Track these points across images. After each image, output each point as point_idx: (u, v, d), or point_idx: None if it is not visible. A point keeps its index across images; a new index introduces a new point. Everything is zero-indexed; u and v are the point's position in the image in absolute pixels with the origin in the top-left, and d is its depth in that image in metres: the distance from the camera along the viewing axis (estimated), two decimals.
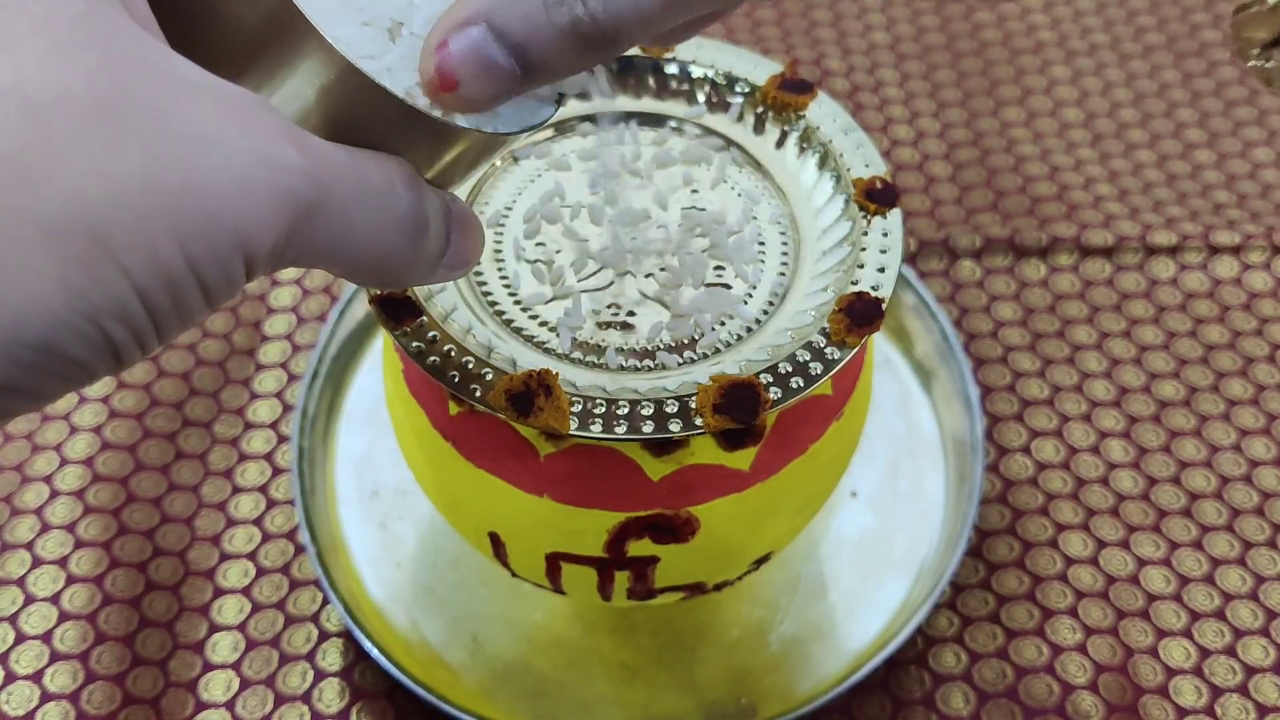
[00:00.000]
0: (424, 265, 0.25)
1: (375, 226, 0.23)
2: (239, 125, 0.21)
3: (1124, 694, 0.43)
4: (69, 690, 0.43)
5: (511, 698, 0.43)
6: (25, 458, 0.48)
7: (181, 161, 0.20)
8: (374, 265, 0.24)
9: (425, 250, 0.25)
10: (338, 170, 0.22)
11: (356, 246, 0.23)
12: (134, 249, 0.19)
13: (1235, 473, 0.49)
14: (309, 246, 0.22)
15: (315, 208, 0.21)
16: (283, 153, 0.21)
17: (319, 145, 0.22)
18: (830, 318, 0.33)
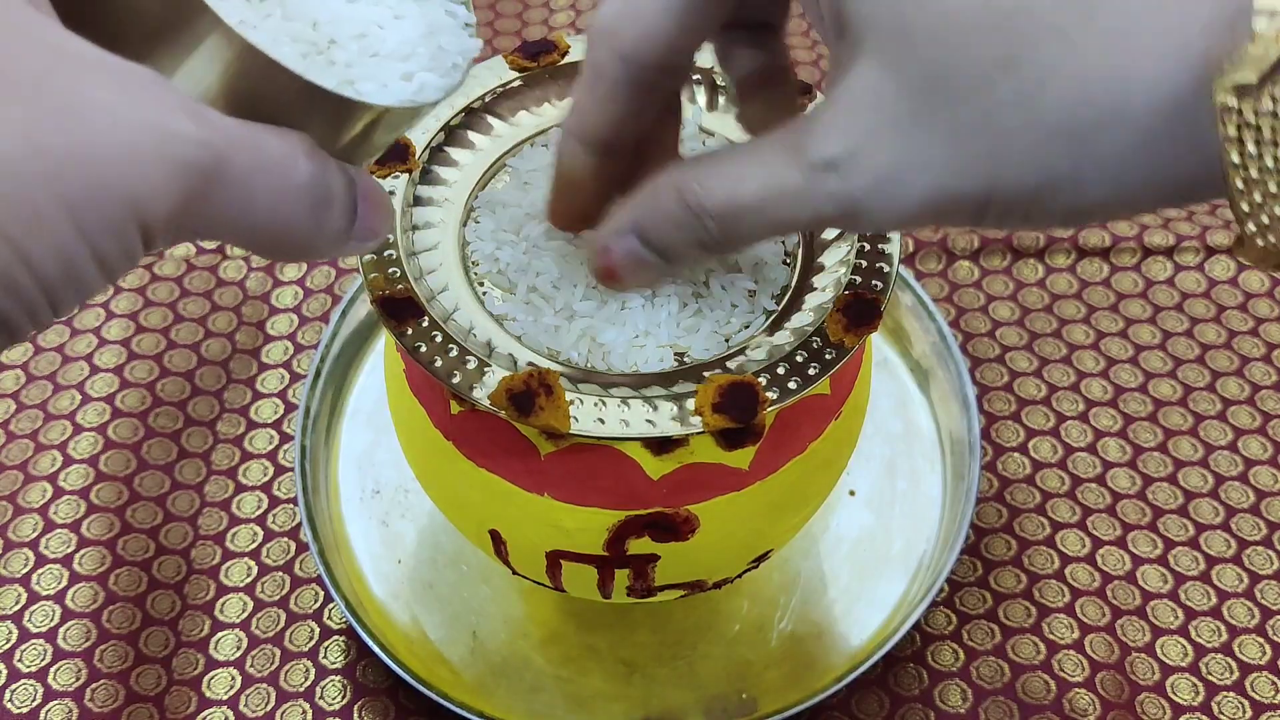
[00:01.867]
0: (329, 237, 0.26)
1: (275, 197, 0.24)
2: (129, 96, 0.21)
3: (1121, 691, 0.43)
4: (72, 688, 0.43)
5: (512, 694, 0.43)
6: (29, 456, 0.49)
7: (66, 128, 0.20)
8: (276, 237, 0.25)
9: (329, 222, 0.25)
10: (235, 140, 0.22)
11: (256, 217, 0.24)
12: (16, 216, 0.19)
13: (1231, 471, 0.49)
14: (208, 216, 0.22)
15: (212, 177, 0.22)
16: (175, 123, 0.21)
17: (215, 117, 0.22)
18: (828, 318, 0.33)
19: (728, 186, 0.28)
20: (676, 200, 0.29)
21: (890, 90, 0.25)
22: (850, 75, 0.26)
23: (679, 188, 0.29)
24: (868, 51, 0.25)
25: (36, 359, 0.51)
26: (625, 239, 0.30)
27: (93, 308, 0.53)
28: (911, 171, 0.25)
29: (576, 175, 0.32)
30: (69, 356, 0.51)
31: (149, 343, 0.52)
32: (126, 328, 0.52)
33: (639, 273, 0.31)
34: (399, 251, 0.34)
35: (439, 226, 0.36)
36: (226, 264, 0.55)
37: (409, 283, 0.33)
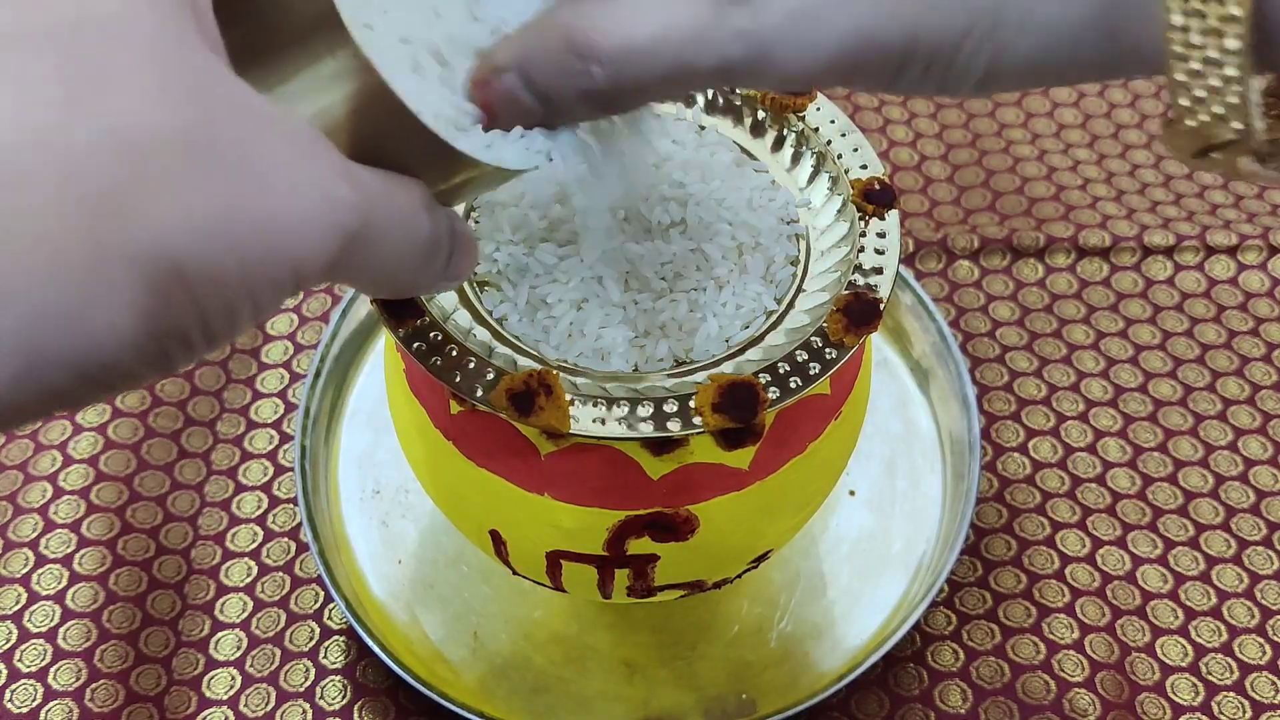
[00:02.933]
0: (429, 282, 0.27)
1: (401, 250, 0.24)
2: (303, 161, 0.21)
3: (1121, 691, 0.43)
4: (73, 688, 0.43)
5: (512, 694, 0.43)
6: (29, 456, 0.49)
7: (255, 199, 0.20)
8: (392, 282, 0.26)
9: (434, 270, 0.26)
10: (378, 201, 0.23)
11: (384, 268, 0.24)
12: (205, 281, 0.20)
13: (1231, 471, 0.49)
14: (348, 270, 0.23)
15: (359, 237, 0.22)
16: (338, 189, 0.22)
17: (364, 178, 0.23)
18: (828, 318, 0.33)
19: (621, 26, 0.25)
20: (563, 41, 0.26)
21: None
22: None
23: (567, 25, 0.26)
24: None
25: None
26: (506, 76, 0.27)
27: None
28: (830, 8, 0.24)
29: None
30: None
31: None
32: None
33: (515, 112, 0.27)
34: None
35: None
36: None
37: None
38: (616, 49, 0.25)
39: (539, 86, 0.27)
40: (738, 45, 0.24)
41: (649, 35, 0.25)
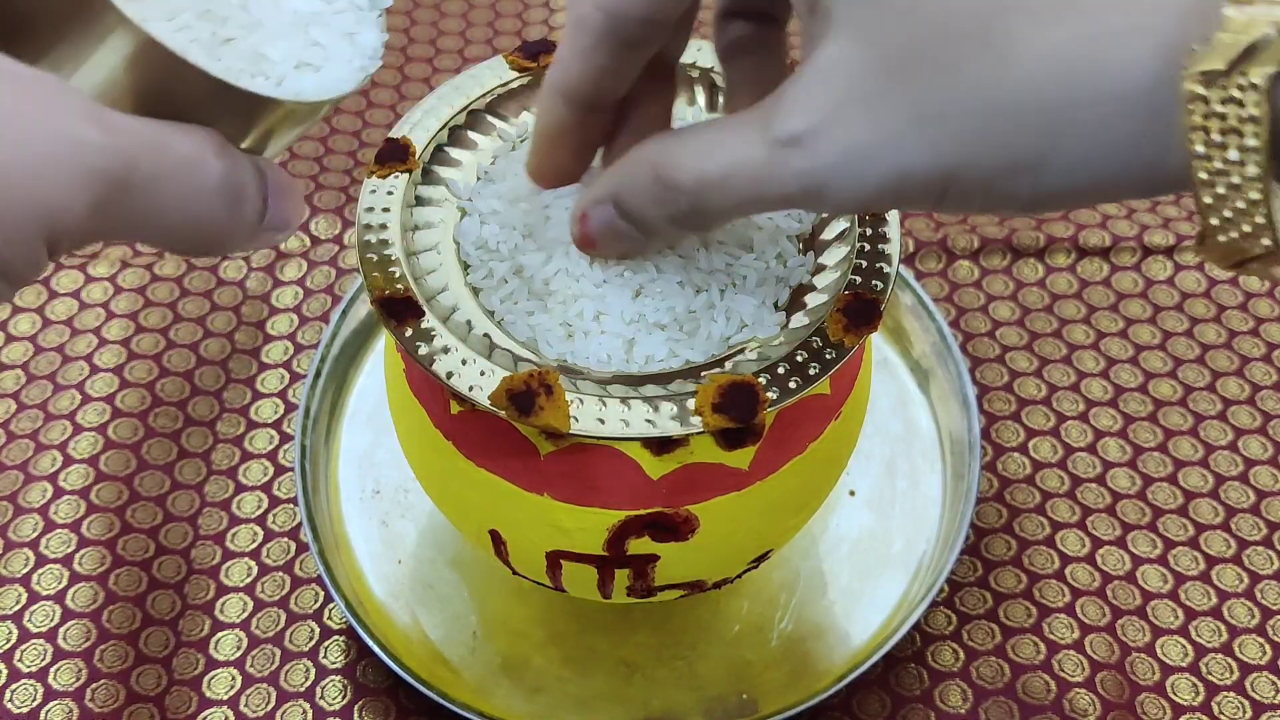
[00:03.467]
0: (243, 232, 0.26)
1: (186, 197, 0.24)
2: (35, 106, 0.21)
3: (1121, 692, 0.43)
4: (73, 688, 0.43)
5: (512, 694, 0.43)
6: (29, 456, 0.49)
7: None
8: (189, 235, 0.25)
9: (242, 215, 0.26)
10: (143, 144, 0.23)
11: (168, 218, 0.24)
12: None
13: (1231, 471, 0.49)
14: (119, 220, 0.23)
15: (122, 183, 0.22)
16: (83, 130, 0.21)
17: (122, 121, 0.23)
18: (829, 318, 0.33)
19: (697, 162, 0.28)
20: (650, 174, 0.29)
21: (858, 66, 0.25)
22: (819, 50, 0.26)
23: (653, 161, 0.29)
24: (837, 26, 0.25)
25: (36, 359, 0.51)
26: (603, 209, 0.30)
27: (93, 308, 0.53)
28: (875, 149, 0.25)
29: (556, 130, 0.32)
30: (69, 356, 0.51)
31: (149, 343, 0.52)
32: (126, 328, 0.52)
33: (615, 242, 0.31)
34: (399, 251, 0.34)
35: (439, 226, 0.36)
36: (226, 264, 0.55)
37: (409, 283, 0.33)
38: (694, 182, 0.28)
39: (633, 215, 0.30)
40: (795, 184, 0.26)
41: (721, 171, 0.27)
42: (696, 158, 0.28)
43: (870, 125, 0.25)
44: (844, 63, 0.25)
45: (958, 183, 0.25)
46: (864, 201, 0.27)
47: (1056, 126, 0.23)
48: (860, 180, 0.26)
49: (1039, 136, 0.24)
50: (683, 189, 0.28)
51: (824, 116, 0.25)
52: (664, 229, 0.30)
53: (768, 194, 0.27)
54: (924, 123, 0.24)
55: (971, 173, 0.25)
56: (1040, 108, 0.23)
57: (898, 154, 0.25)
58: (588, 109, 0.31)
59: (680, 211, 0.29)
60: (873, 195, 0.26)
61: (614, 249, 0.32)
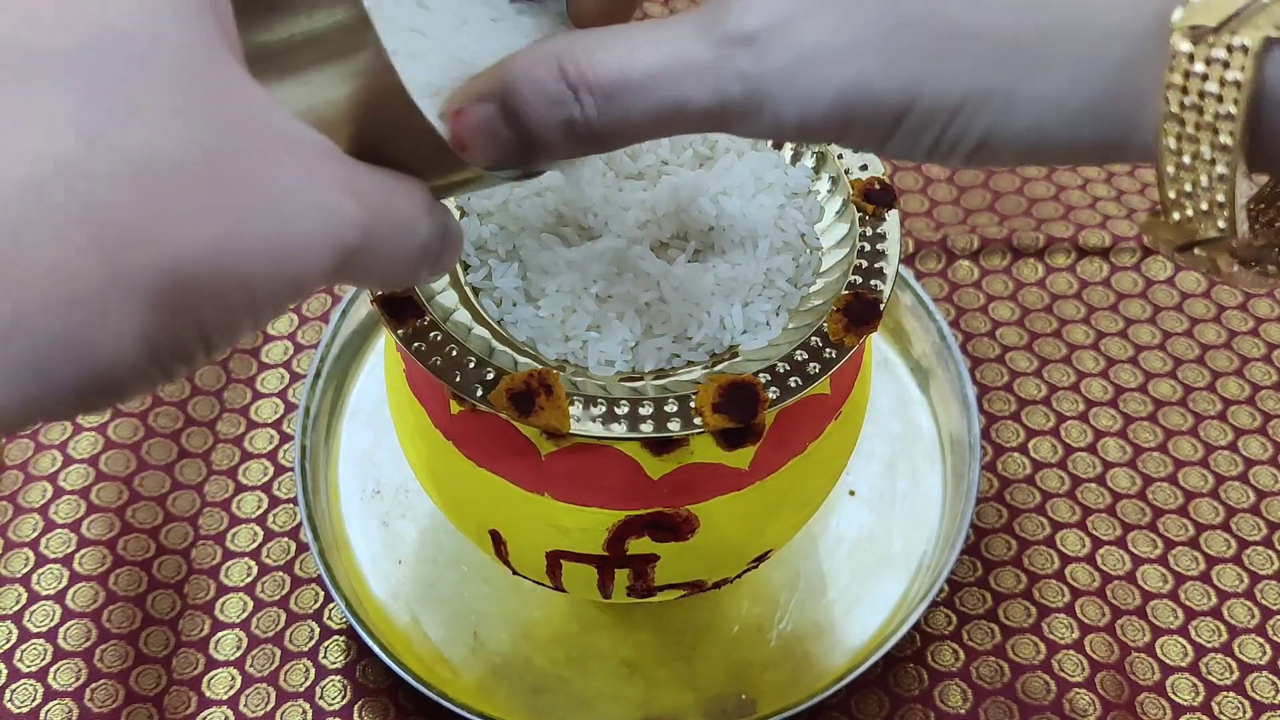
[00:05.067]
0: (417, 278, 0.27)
1: (397, 254, 0.24)
2: (312, 178, 0.22)
3: (1121, 691, 0.43)
4: (72, 687, 0.43)
5: (512, 694, 0.43)
6: (29, 456, 0.49)
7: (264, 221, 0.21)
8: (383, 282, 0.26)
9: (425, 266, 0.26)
10: (380, 211, 0.23)
11: (378, 272, 0.24)
12: (210, 302, 0.20)
13: (1231, 471, 0.49)
14: (343, 278, 0.23)
15: (359, 250, 0.22)
16: (342, 206, 0.22)
17: (367, 188, 0.23)
18: (829, 318, 0.33)
19: (619, 58, 0.24)
20: (553, 70, 0.25)
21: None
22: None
23: (559, 56, 0.25)
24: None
25: None
26: (483, 106, 0.26)
27: None
28: (834, 56, 0.23)
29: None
30: None
31: None
32: None
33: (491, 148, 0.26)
34: None
35: None
36: None
37: None
38: (611, 79, 0.24)
39: (520, 117, 0.25)
40: (737, 86, 0.24)
41: (647, 68, 0.24)
42: (617, 54, 0.24)
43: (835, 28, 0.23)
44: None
45: (916, 108, 0.23)
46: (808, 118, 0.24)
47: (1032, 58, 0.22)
48: (811, 91, 0.24)
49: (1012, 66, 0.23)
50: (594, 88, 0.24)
51: (785, 15, 0.23)
52: (555, 141, 0.26)
53: (698, 98, 0.24)
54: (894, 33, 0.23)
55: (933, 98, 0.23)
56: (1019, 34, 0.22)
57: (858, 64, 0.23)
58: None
59: (581, 118, 0.25)
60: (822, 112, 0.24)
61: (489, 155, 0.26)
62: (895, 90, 0.23)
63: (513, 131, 0.26)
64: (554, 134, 0.25)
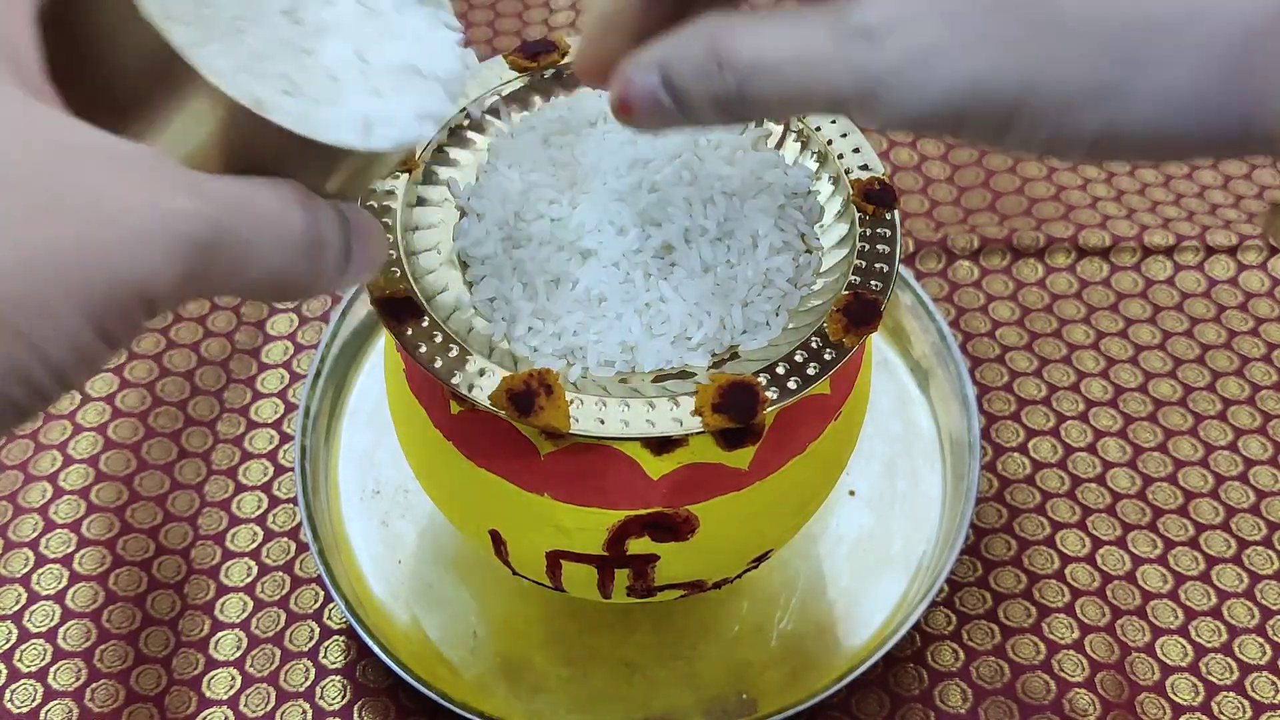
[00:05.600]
0: (326, 278, 0.26)
1: (272, 251, 0.24)
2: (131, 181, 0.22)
3: (1121, 691, 0.43)
4: (72, 688, 0.43)
5: (512, 694, 0.43)
6: (29, 456, 0.49)
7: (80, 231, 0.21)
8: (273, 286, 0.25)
9: (325, 265, 0.26)
10: (230, 206, 0.23)
11: (253, 273, 0.24)
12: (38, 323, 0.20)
13: (1231, 471, 0.49)
14: (209, 281, 0.23)
15: (212, 246, 0.22)
16: (175, 201, 0.22)
17: (211, 186, 0.23)
18: (828, 318, 0.33)
19: (758, 42, 0.26)
20: (705, 47, 0.27)
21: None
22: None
23: (711, 34, 0.27)
24: None
25: None
26: (648, 75, 0.28)
27: None
28: (947, 55, 0.24)
29: (616, 13, 0.30)
30: None
31: (149, 343, 0.52)
32: None
33: (653, 114, 0.29)
34: (399, 251, 0.34)
35: (439, 226, 0.36)
36: None
37: (409, 283, 0.33)
38: (747, 62, 0.26)
39: (677, 86, 0.28)
40: (848, 79, 0.25)
41: (778, 55, 0.26)
42: (757, 38, 0.27)
43: (947, 27, 0.24)
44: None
45: (1028, 105, 0.24)
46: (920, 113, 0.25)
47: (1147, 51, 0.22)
48: (924, 87, 0.24)
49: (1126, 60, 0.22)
50: (735, 68, 0.27)
51: (901, 12, 0.24)
52: (705, 110, 0.28)
53: (819, 88, 0.26)
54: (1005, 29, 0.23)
55: (1046, 93, 0.23)
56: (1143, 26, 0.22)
57: (970, 61, 0.24)
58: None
59: (726, 93, 0.27)
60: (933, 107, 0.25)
61: (649, 121, 0.29)
62: (1007, 87, 0.24)
63: (671, 98, 0.28)
64: (704, 103, 0.28)
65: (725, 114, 0.28)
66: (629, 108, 0.29)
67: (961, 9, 0.23)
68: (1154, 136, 0.24)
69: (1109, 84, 0.23)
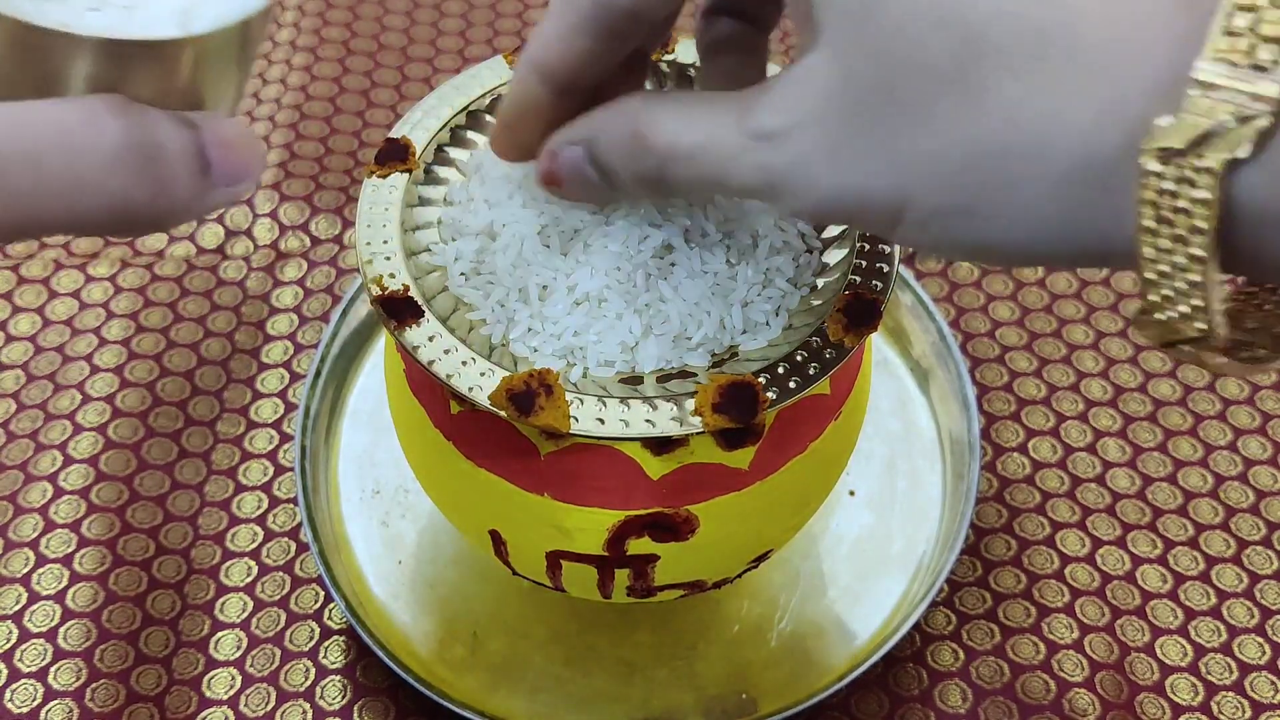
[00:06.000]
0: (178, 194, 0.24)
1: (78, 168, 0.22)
2: None
3: (1120, 691, 0.43)
4: (73, 688, 0.43)
5: (512, 694, 0.43)
6: (29, 456, 0.49)
7: None
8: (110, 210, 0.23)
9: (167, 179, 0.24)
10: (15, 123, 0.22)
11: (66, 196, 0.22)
12: None
13: (1231, 471, 0.49)
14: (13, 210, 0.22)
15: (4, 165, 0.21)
16: None
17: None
18: (828, 318, 0.33)
19: (675, 129, 0.28)
20: (629, 128, 0.29)
21: (835, 83, 0.25)
22: (806, 56, 0.26)
23: (635, 116, 0.29)
24: (823, 41, 0.26)
25: (36, 359, 0.51)
26: (574, 150, 0.30)
27: (93, 308, 0.53)
28: (831, 160, 0.26)
29: (528, 108, 0.32)
30: (69, 356, 0.51)
31: (149, 343, 0.52)
32: (126, 328, 0.52)
33: (580, 187, 0.31)
34: (399, 251, 0.34)
35: (439, 226, 0.36)
36: (226, 264, 0.55)
37: (409, 283, 0.33)
38: (666, 148, 0.28)
39: (603, 163, 0.30)
40: (755, 175, 0.27)
41: (691, 145, 0.28)
42: (673, 125, 0.28)
43: (835, 139, 0.25)
44: (823, 76, 0.25)
45: (907, 214, 0.25)
46: (817, 208, 0.27)
47: (1013, 176, 0.24)
48: (815, 187, 0.26)
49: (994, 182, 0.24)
50: (655, 151, 0.28)
51: (795, 120, 0.26)
52: (632, 186, 0.30)
53: (730, 180, 0.28)
54: (885, 148, 0.25)
55: (923, 206, 0.25)
56: (999, 154, 0.24)
57: (854, 170, 0.25)
58: (562, 90, 0.31)
59: (647, 173, 0.29)
60: (826, 204, 0.26)
61: (577, 193, 0.32)
62: (887, 196, 0.25)
63: (598, 173, 0.30)
64: (630, 180, 0.30)
65: (651, 192, 0.30)
66: (557, 180, 0.31)
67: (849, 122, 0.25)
68: (1024, 250, 0.25)
69: (971, 205, 0.24)
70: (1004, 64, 0.23)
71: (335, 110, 0.61)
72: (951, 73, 0.24)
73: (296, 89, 0.62)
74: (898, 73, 0.24)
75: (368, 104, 0.61)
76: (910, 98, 0.24)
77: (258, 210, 0.56)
